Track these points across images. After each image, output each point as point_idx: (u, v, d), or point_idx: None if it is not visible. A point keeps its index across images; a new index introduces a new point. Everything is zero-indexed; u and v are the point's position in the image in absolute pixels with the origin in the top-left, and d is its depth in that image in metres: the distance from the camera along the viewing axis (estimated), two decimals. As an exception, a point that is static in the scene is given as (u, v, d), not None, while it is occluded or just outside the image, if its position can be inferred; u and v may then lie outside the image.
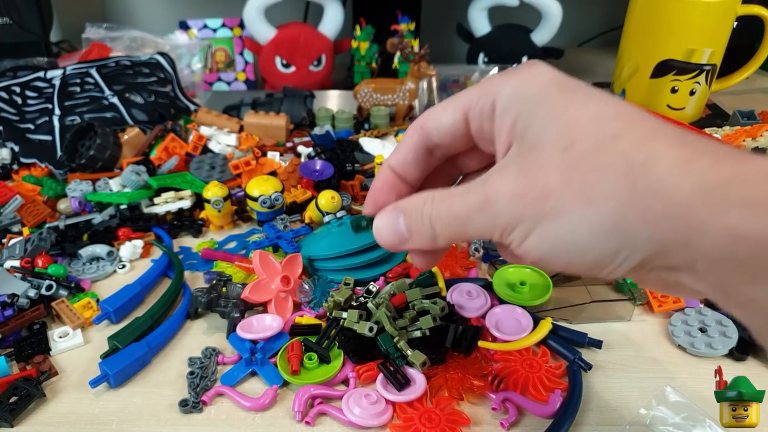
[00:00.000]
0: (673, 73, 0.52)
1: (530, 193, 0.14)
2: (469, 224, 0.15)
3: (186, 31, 0.63)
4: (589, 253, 0.14)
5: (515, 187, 0.14)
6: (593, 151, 0.13)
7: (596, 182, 0.13)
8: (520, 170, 0.14)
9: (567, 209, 0.13)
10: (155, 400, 0.26)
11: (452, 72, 0.56)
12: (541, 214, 0.14)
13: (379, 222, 0.18)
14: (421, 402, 0.24)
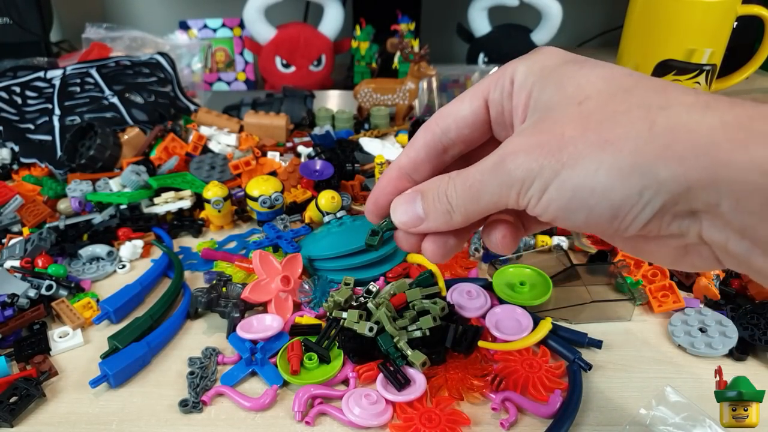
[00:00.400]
0: (673, 73, 0.52)
1: (547, 145, 0.13)
2: (484, 190, 0.15)
3: (186, 31, 0.63)
4: (611, 195, 0.13)
5: (531, 141, 0.14)
6: (608, 101, 0.13)
7: (613, 125, 0.13)
8: (536, 128, 0.14)
9: (585, 155, 0.13)
10: (155, 400, 0.26)
11: (452, 72, 0.56)
12: (559, 163, 0.13)
13: (398, 202, 0.18)
14: (421, 402, 0.24)
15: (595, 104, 0.13)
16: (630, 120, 0.12)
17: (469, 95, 0.17)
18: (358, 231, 0.33)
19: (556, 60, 0.15)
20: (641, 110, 0.13)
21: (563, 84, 0.14)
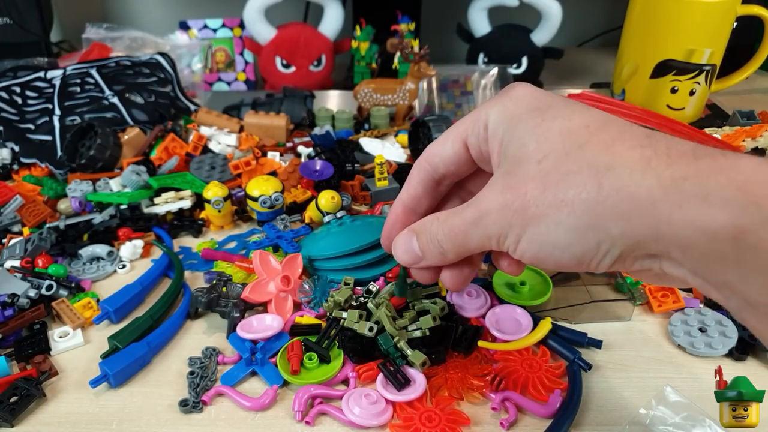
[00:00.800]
0: (672, 73, 0.52)
1: (514, 204, 0.16)
2: (469, 238, 0.18)
3: (186, 31, 0.63)
4: (572, 249, 0.15)
5: (502, 201, 0.16)
6: (563, 160, 0.15)
7: (567, 186, 0.15)
8: (504, 185, 0.16)
9: (546, 215, 0.15)
10: (155, 400, 0.26)
11: (452, 72, 0.56)
12: (525, 220, 0.16)
13: (397, 243, 0.21)
14: (421, 402, 0.24)
15: (552, 164, 0.15)
16: (582, 181, 0.15)
17: (450, 138, 0.19)
18: (358, 231, 0.34)
19: (522, 108, 0.17)
20: (591, 171, 0.14)
21: (525, 141, 0.16)
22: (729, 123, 0.52)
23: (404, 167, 0.44)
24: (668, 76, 0.52)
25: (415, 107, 0.54)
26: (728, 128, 0.51)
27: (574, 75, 0.71)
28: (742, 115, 0.52)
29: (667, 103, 0.54)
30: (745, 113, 0.52)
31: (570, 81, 0.68)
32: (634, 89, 0.56)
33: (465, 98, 0.56)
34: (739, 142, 0.47)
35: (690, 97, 0.53)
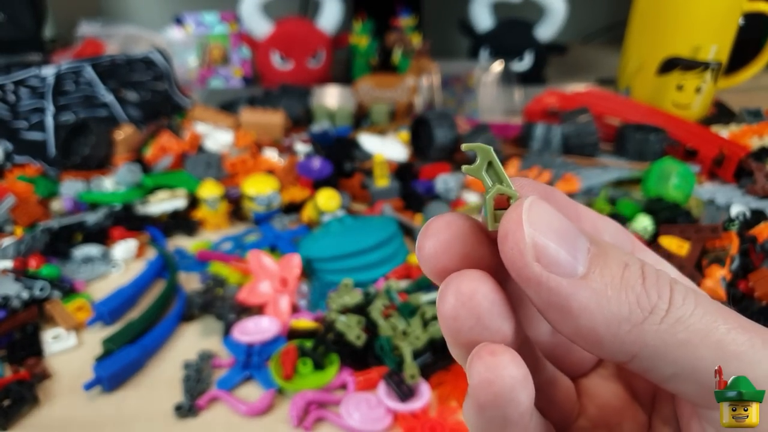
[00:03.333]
0: (678, 69, 0.51)
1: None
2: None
3: (181, 26, 0.62)
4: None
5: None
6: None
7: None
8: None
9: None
10: (150, 404, 0.25)
11: (454, 67, 0.55)
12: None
13: (548, 217, 0.09)
14: (424, 412, 0.24)
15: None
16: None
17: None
18: (359, 231, 0.33)
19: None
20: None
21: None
22: (736, 121, 0.52)
23: (405, 165, 0.43)
24: (674, 73, 0.51)
25: (416, 103, 0.53)
26: (735, 126, 0.50)
27: (579, 71, 0.70)
28: (749, 112, 0.51)
29: (673, 100, 0.53)
30: (752, 111, 0.51)
31: (574, 77, 0.67)
32: (639, 86, 0.55)
33: (467, 94, 0.55)
34: (746, 141, 0.46)
35: (696, 94, 0.52)
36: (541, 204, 0.09)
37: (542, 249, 0.08)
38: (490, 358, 0.09)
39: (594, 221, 0.11)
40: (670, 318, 0.08)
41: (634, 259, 0.09)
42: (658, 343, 0.08)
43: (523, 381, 0.09)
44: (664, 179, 0.38)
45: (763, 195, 0.39)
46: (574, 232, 0.09)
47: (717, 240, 0.32)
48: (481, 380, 0.09)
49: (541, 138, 0.44)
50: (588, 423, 0.12)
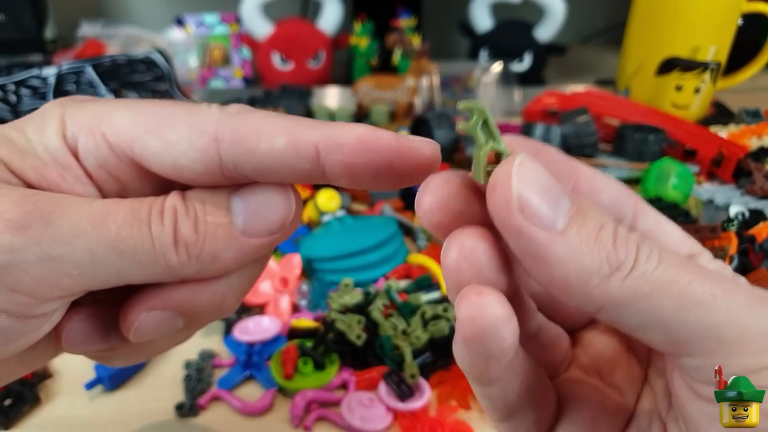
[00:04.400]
0: (677, 70, 0.51)
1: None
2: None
3: (182, 27, 0.62)
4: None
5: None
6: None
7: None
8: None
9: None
10: (151, 404, 0.25)
11: (454, 68, 0.55)
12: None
13: (532, 170, 0.10)
14: (424, 411, 0.24)
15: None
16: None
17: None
18: (359, 231, 0.33)
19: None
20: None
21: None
22: (735, 121, 0.52)
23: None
24: (673, 74, 0.52)
25: (416, 104, 0.53)
26: (734, 126, 0.50)
27: (578, 71, 0.70)
28: (748, 113, 0.52)
29: (672, 100, 0.53)
30: (751, 111, 0.52)
31: (574, 78, 0.67)
32: (638, 86, 0.55)
33: (467, 95, 0.55)
34: (744, 141, 0.47)
35: (695, 94, 0.52)
36: (530, 161, 0.10)
37: (526, 202, 0.09)
38: (476, 298, 0.10)
39: (592, 180, 0.11)
40: (635, 273, 0.09)
41: (610, 221, 0.10)
42: (623, 295, 0.09)
43: (506, 319, 0.10)
44: (663, 179, 0.38)
45: (761, 195, 0.40)
46: (559, 191, 0.10)
47: (716, 240, 0.33)
48: (466, 316, 0.10)
49: (540, 138, 0.44)
50: (579, 370, 0.13)
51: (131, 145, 0.11)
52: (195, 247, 0.11)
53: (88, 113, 0.11)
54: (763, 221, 0.35)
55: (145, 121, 0.11)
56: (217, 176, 0.11)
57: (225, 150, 0.11)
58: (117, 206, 0.10)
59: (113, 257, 0.10)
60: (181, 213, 0.11)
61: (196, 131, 0.11)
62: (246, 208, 0.11)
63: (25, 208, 0.10)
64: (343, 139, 0.10)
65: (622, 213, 0.11)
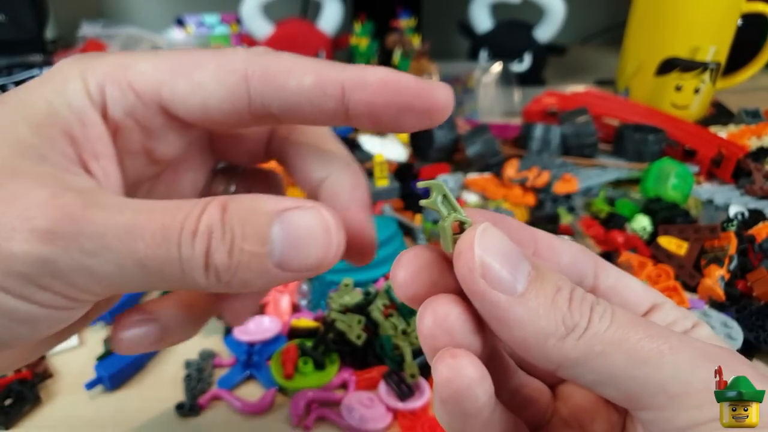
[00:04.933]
0: (677, 70, 0.51)
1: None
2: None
3: (183, 27, 0.62)
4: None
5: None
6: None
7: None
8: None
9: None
10: (151, 404, 0.25)
11: (453, 68, 0.55)
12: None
13: (489, 236, 0.11)
14: (424, 411, 0.24)
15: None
16: None
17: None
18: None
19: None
20: None
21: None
22: (734, 121, 0.52)
23: (404, 166, 0.44)
24: (673, 74, 0.52)
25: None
26: (733, 126, 0.51)
27: (578, 72, 0.70)
28: (748, 113, 0.52)
29: (672, 100, 0.53)
30: (750, 111, 0.52)
31: (573, 78, 0.67)
32: (638, 87, 0.55)
33: (467, 95, 0.55)
34: (744, 141, 0.47)
35: (695, 94, 0.53)
36: (492, 230, 0.10)
37: (488, 268, 0.10)
38: (451, 360, 0.10)
39: (551, 244, 0.12)
40: (588, 334, 0.10)
41: (567, 284, 0.10)
42: (578, 355, 0.10)
43: (479, 379, 0.10)
44: (662, 179, 0.38)
45: (761, 195, 0.40)
46: (519, 256, 0.10)
47: (715, 240, 0.33)
48: (442, 378, 0.10)
49: (540, 138, 0.44)
50: (561, 422, 0.13)
51: (159, 90, 0.11)
52: (226, 275, 0.10)
53: (110, 65, 0.11)
54: (763, 221, 0.35)
55: (171, 65, 0.11)
56: (245, 116, 0.12)
57: (254, 87, 0.11)
58: (147, 220, 0.10)
59: (140, 273, 0.10)
60: (216, 237, 0.10)
61: (225, 70, 0.11)
62: (285, 240, 0.10)
63: (54, 214, 0.10)
64: (367, 78, 0.11)
65: (583, 272, 0.12)
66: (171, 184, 0.14)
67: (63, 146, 0.11)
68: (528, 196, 0.39)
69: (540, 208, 0.38)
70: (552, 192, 0.39)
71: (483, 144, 0.42)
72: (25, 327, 0.10)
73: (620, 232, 0.35)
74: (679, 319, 0.12)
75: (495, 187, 0.40)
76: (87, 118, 0.11)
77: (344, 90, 0.11)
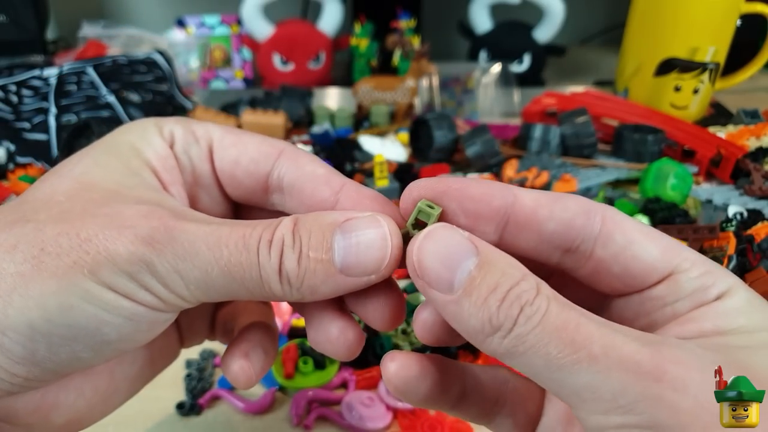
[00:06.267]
0: (676, 71, 0.52)
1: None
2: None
3: (183, 28, 0.62)
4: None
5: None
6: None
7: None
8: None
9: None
10: (152, 403, 0.25)
11: (453, 69, 0.55)
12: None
13: (437, 240, 0.11)
14: (424, 410, 0.24)
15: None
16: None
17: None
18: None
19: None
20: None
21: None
22: (733, 122, 0.52)
23: (404, 166, 0.44)
24: (672, 74, 0.52)
25: (416, 105, 0.54)
26: (732, 127, 0.51)
27: (577, 72, 0.70)
28: (747, 113, 0.52)
29: (671, 101, 0.53)
30: (749, 112, 0.52)
31: (573, 79, 0.67)
32: (637, 87, 0.55)
33: (466, 96, 0.55)
34: (743, 141, 0.47)
35: (694, 95, 0.53)
36: (437, 232, 0.11)
37: (425, 270, 0.11)
38: (389, 363, 0.13)
39: (532, 211, 0.12)
40: (512, 335, 0.10)
41: (507, 281, 0.11)
42: (504, 352, 0.11)
43: (410, 380, 0.13)
44: (661, 180, 0.39)
45: (760, 195, 0.40)
46: (462, 256, 0.11)
47: (714, 240, 0.33)
48: (385, 378, 0.13)
49: (539, 139, 0.44)
50: (553, 419, 0.14)
51: (212, 139, 0.15)
52: (296, 280, 0.12)
53: (180, 120, 0.15)
54: (762, 221, 0.36)
55: (229, 129, 0.15)
56: (261, 186, 0.15)
57: (280, 163, 0.14)
58: (230, 231, 0.12)
59: (225, 279, 0.12)
60: (287, 245, 0.12)
61: (267, 142, 0.15)
62: (346, 247, 0.12)
63: (152, 223, 0.12)
64: (354, 191, 0.14)
65: (579, 237, 0.12)
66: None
67: (147, 175, 0.14)
68: (527, 196, 0.39)
69: (539, 209, 0.38)
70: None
71: (483, 144, 0.42)
72: (129, 325, 0.12)
73: (619, 232, 0.35)
74: (699, 291, 0.11)
75: (495, 188, 0.40)
76: (163, 151, 0.14)
77: (343, 188, 0.14)
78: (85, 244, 0.11)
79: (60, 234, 0.11)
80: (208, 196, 0.15)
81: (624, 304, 0.12)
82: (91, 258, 0.11)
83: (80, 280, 0.11)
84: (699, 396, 0.10)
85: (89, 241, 0.11)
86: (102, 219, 0.11)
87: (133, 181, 0.13)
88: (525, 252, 0.12)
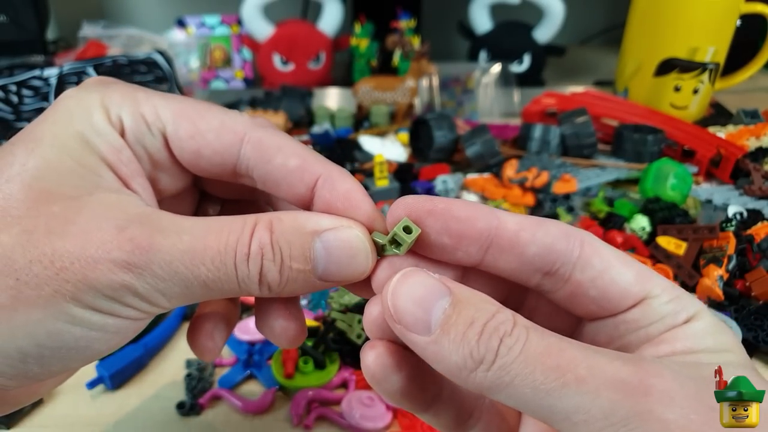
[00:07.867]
0: (676, 71, 0.52)
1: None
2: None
3: (183, 28, 0.62)
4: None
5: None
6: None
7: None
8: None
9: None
10: (152, 403, 0.25)
11: (453, 69, 0.55)
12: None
13: (409, 284, 0.11)
14: None
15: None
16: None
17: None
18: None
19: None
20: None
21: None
22: (733, 122, 0.52)
23: (404, 166, 0.44)
24: (672, 74, 0.52)
25: (416, 105, 0.54)
26: (732, 127, 0.51)
27: (577, 73, 0.70)
28: (746, 113, 0.52)
29: (671, 101, 0.53)
30: (749, 112, 0.52)
31: (573, 79, 0.67)
32: (637, 87, 0.55)
33: (466, 96, 0.55)
34: (743, 141, 0.47)
35: (693, 95, 0.53)
36: (408, 276, 0.11)
37: (401, 314, 0.11)
38: (369, 351, 0.13)
39: (515, 235, 0.12)
40: (495, 366, 0.10)
41: (483, 315, 0.11)
42: (490, 385, 0.10)
43: (387, 369, 0.12)
44: (661, 180, 0.39)
45: (760, 195, 0.40)
46: (435, 296, 0.11)
47: (714, 240, 0.33)
48: (363, 365, 0.13)
49: (539, 139, 0.44)
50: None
51: (165, 126, 0.13)
52: (277, 287, 0.12)
53: (124, 96, 0.13)
54: (762, 221, 0.36)
55: (179, 108, 0.13)
56: (228, 172, 0.13)
57: (246, 152, 0.13)
58: (204, 246, 0.12)
59: (204, 290, 0.12)
60: (267, 257, 0.12)
61: (227, 127, 0.13)
62: (326, 257, 0.12)
63: (126, 246, 0.11)
64: (336, 182, 0.13)
65: (559, 261, 0.12)
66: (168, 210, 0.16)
67: (104, 171, 0.13)
68: (527, 196, 0.39)
69: (539, 209, 0.38)
70: (551, 192, 0.39)
71: (482, 144, 0.42)
72: (116, 337, 0.12)
73: (619, 232, 0.35)
74: (669, 315, 0.12)
75: (494, 188, 0.40)
76: (116, 143, 0.13)
77: (318, 183, 0.13)
78: (62, 273, 0.11)
79: (32, 262, 0.11)
80: (169, 176, 0.14)
81: (597, 328, 0.13)
82: (71, 286, 0.11)
83: (64, 306, 0.11)
84: (684, 406, 0.10)
85: (66, 269, 0.11)
86: (72, 241, 0.11)
87: (91, 183, 0.12)
88: (506, 273, 0.12)
